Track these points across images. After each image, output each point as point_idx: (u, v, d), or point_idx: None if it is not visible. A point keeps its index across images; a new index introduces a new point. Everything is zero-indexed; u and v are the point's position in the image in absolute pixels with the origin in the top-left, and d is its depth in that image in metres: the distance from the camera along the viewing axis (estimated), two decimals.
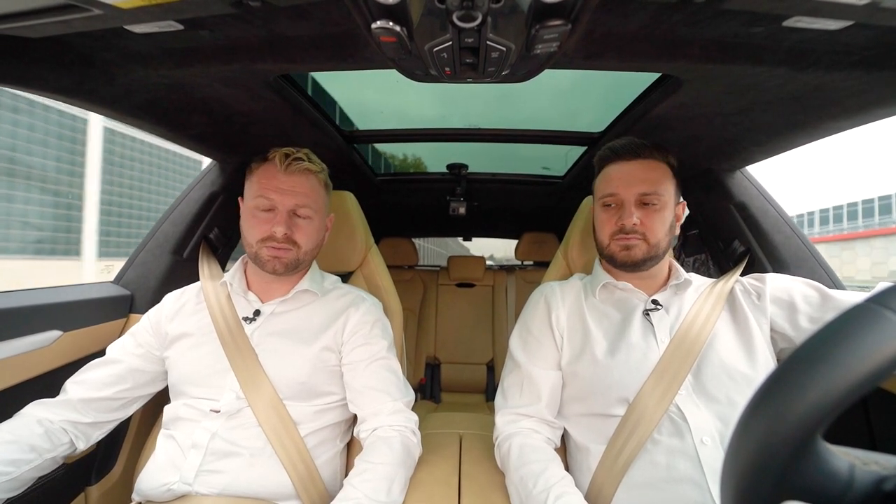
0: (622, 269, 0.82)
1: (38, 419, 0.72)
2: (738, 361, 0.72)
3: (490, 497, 0.73)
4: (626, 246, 0.78)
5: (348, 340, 0.85)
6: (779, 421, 0.27)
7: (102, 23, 0.52)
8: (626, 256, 0.79)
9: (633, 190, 0.78)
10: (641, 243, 0.77)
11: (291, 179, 0.80)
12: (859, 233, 22.79)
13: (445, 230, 3.17)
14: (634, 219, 0.76)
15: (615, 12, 0.54)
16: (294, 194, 0.80)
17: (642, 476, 0.67)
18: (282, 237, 0.78)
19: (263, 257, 0.80)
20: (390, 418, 0.78)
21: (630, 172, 0.79)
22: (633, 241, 0.78)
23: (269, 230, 0.79)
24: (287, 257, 0.81)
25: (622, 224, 0.78)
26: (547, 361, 0.82)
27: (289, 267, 0.82)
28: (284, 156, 0.80)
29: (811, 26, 0.53)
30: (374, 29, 0.49)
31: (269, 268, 0.81)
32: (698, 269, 1.39)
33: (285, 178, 0.80)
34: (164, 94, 0.77)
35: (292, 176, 0.80)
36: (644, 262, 0.79)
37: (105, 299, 1.00)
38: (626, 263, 0.80)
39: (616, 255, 0.80)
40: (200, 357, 0.80)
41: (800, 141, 0.91)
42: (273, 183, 0.79)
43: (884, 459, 0.29)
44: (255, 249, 0.80)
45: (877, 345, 0.26)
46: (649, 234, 0.77)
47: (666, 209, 0.78)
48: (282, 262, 0.80)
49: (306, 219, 0.83)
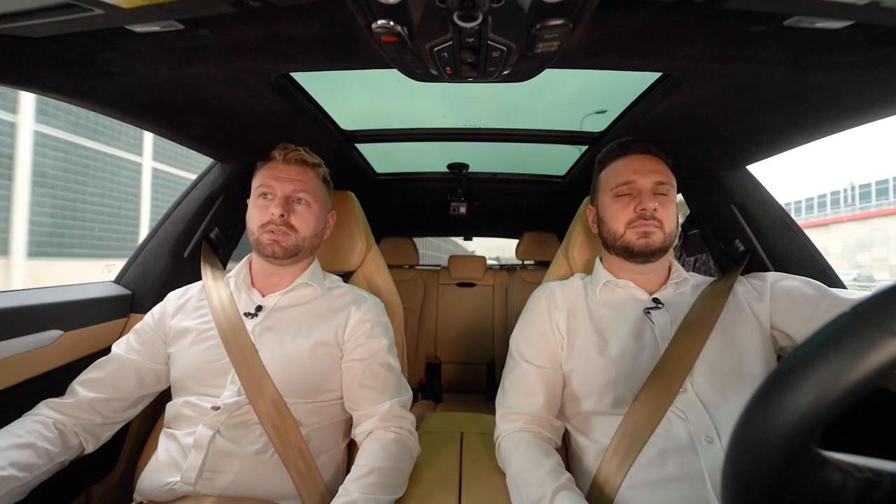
0: (636, 260, 0.81)
1: (52, 422, 0.72)
2: (738, 360, 0.72)
3: (491, 496, 0.73)
4: (644, 233, 0.77)
5: (349, 339, 0.85)
6: (769, 433, 0.27)
7: (103, 22, 0.52)
8: (645, 244, 0.78)
9: (650, 178, 0.79)
10: (659, 231, 0.78)
11: (289, 168, 0.86)
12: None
13: (446, 230, 3.17)
14: (655, 204, 0.77)
15: (616, 12, 0.54)
16: (291, 181, 0.85)
17: (644, 475, 0.67)
18: (278, 219, 0.82)
19: (263, 241, 0.83)
20: (386, 419, 0.78)
21: (643, 164, 0.82)
22: (652, 227, 0.77)
23: (266, 215, 0.83)
24: (286, 241, 0.83)
25: (642, 209, 0.77)
26: (548, 361, 0.82)
27: (288, 252, 0.84)
28: (283, 148, 0.87)
29: (812, 26, 0.53)
30: (374, 28, 0.49)
31: (268, 251, 0.83)
32: (699, 268, 1.39)
33: (283, 167, 0.86)
34: (165, 94, 0.77)
35: (290, 165, 0.86)
36: (660, 251, 0.79)
37: (106, 299, 1.00)
38: (644, 252, 0.78)
39: (633, 244, 0.79)
40: (201, 353, 0.81)
41: (800, 140, 0.91)
42: (272, 172, 0.85)
43: (878, 466, 0.29)
44: (257, 236, 0.84)
45: (858, 356, 0.25)
46: (666, 223, 0.78)
47: (675, 204, 0.81)
48: (281, 246, 0.83)
49: (305, 205, 0.86)
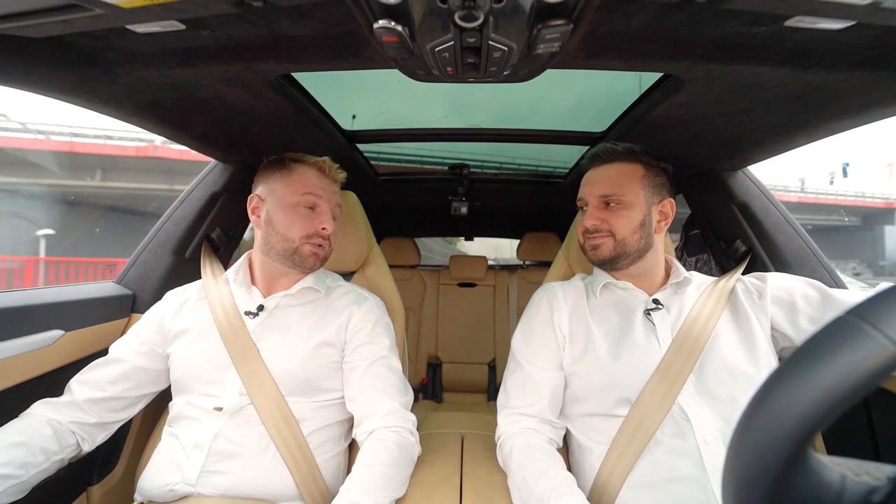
0: (602, 268, 0.87)
1: (47, 420, 0.72)
2: (740, 360, 0.72)
3: (492, 497, 0.73)
4: (593, 245, 0.83)
5: (351, 339, 0.85)
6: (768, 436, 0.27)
7: (104, 22, 0.52)
8: (594, 255, 0.84)
9: (596, 193, 0.83)
10: (609, 240, 0.81)
11: (332, 185, 0.90)
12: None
13: (447, 230, 3.17)
14: (594, 220, 0.82)
15: (617, 12, 0.54)
16: (335, 195, 0.90)
17: (645, 476, 0.67)
18: (324, 233, 0.85)
19: (305, 252, 0.84)
20: (387, 419, 0.78)
21: (596, 178, 0.85)
22: (598, 239, 0.82)
23: (313, 227, 0.84)
24: (324, 253, 0.87)
25: (584, 226, 0.84)
26: (549, 361, 0.82)
27: (323, 262, 0.89)
28: (330, 161, 0.90)
29: (813, 26, 0.52)
30: (376, 29, 0.49)
31: (309, 263, 0.85)
32: (700, 268, 1.39)
33: (329, 182, 0.89)
34: (166, 94, 0.77)
35: (334, 182, 0.90)
36: (614, 259, 0.82)
37: (107, 299, 1.00)
38: (595, 261, 0.85)
39: (588, 254, 0.86)
40: (202, 352, 0.81)
41: (801, 141, 0.91)
42: (321, 183, 0.87)
43: (876, 469, 0.29)
44: (297, 245, 0.84)
45: (853, 361, 0.26)
46: (615, 231, 0.81)
47: (633, 208, 0.80)
48: (319, 258, 0.87)
49: (336, 219, 0.90)
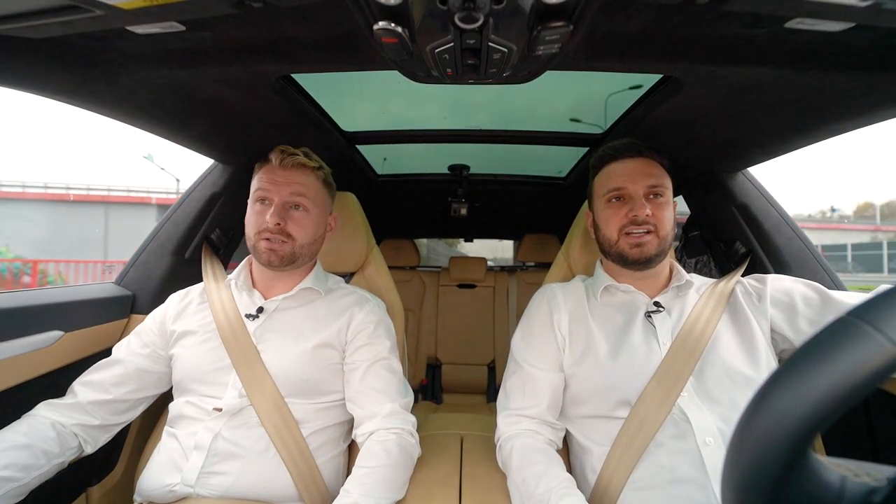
0: (632, 268, 0.80)
1: (51, 422, 0.72)
2: (739, 363, 0.72)
3: (491, 498, 0.73)
4: (637, 243, 0.77)
5: (352, 340, 0.85)
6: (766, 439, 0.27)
7: (104, 24, 0.52)
8: (639, 254, 0.77)
9: (642, 183, 0.78)
10: (653, 238, 0.77)
11: (287, 173, 0.83)
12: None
13: (447, 231, 3.17)
14: (648, 209, 0.76)
15: (617, 14, 0.54)
16: (288, 185, 0.82)
17: (646, 478, 0.67)
18: (273, 227, 0.79)
19: (260, 249, 0.82)
20: (387, 420, 0.78)
21: (635, 168, 0.80)
22: (642, 237, 0.77)
23: (262, 222, 0.80)
24: (282, 250, 0.81)
25: (634, 215, 0.76)
26: (549, 363, 0.81)
27: (284, 260, 0.82)
28: (280, 151, 0.83)
29: (813, 28, 0.52)
30: (375, 30, 0.49)
31: (264, 259, 0.82)
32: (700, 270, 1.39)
33: (281, 171, 0.82)
34: (166, 96, 0.77)
35: (287, 170, 0.83)
36: (655, 258, 0.78)
37: (106, 300, 1.00)
38: (639, 261, 0.77)
39: (627, 253, 0.78)
40: (203, 354, 0.81)
41: (801, 142, 0.91)
42: (269, 176, 0.82)
43: (875, 470, 0.29)
44: (254, 242, 0.82)
45: (853, 362, 0.25)
46: (660, 227, 0.77)
47: (670, 205, 0.80)
48: (277, 255, 0.81)
49: (303, 211, 0.83)
